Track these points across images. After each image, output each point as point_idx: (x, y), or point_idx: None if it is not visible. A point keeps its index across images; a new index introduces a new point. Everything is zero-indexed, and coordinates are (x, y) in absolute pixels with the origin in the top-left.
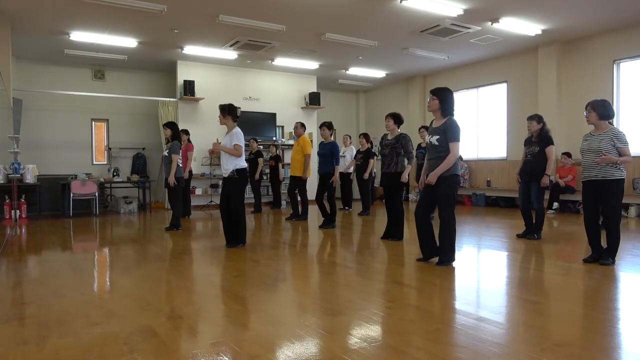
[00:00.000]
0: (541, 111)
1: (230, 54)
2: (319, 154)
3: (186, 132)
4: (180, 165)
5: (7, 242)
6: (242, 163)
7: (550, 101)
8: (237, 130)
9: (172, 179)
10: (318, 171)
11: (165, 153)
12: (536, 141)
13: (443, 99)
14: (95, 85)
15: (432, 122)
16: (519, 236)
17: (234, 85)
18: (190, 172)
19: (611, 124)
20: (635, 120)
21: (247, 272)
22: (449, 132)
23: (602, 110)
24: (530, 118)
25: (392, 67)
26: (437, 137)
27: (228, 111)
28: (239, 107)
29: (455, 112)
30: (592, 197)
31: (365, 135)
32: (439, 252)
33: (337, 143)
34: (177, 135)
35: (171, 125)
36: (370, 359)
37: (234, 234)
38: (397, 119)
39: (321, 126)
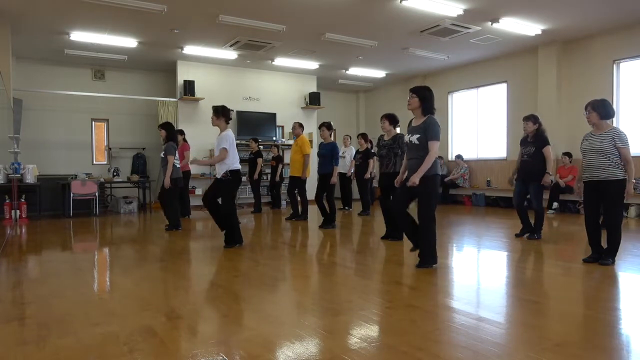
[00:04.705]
0: (541, 111)
1: (230, 54)
2: (318, 154)
3: (181, 132)
4: (178, 165)
5: (7, 242)
6: (236, 165)
7: (550, 101)
8: (225, 133)
9: (167, 181)
10: (318, 171)
11: (162, 154)
12: (532, 141)
13: (423, 97)
14: (95, 85)
15: (411, 121)
16: (517, 235)
17: (234, 85)
18: (189, 172)
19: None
20: (635, 120)
21: (247, 272)
22: (429, 131)
23: (603, 110)
24: (526, 119)
25: (392, 67)
26: (418, 135)
27: (222, 112)
28: (232, 110)
29: (435, 111)
30: (593, 197)
31: (364, 135)
32: (420, 254)
33: (336, 143)
34: (172, 136)
35: (166, 126)
36: (370, 359)
37: (223, 222)
38: (392, 119)
39: (320, 126)
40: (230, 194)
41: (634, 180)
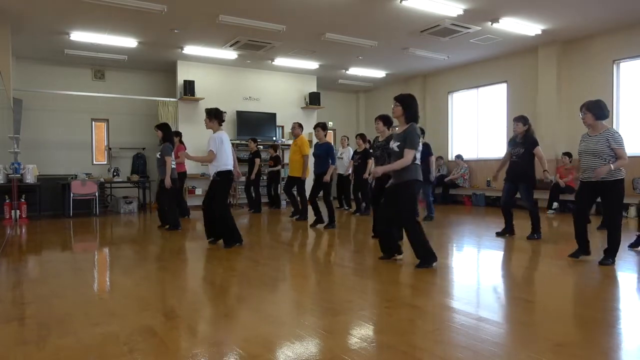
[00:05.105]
0: (541, 111)
1: (230, 54)
2: (314, 154)
3: (177, 133)
4: (174, 166)
5: (7, 242)
6: (224, 166)
7: (550, 101)
8: (214, 134)
9: (168, 181)
10: (314, 171)
11: (158, 155)
12: (521, 142)
13: (406, 105)
14: (95, 85)
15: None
16: (498, 234)
17: (234, 85)
18: (184, 172)
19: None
20: (635, 120)
21: (246, 272)
22: (407, 139)
23: (598, 111)
24: (517, 119)
25: (392, 67)
26: (398, 143)
27: (215, 115)
28: (225, 112)
29: (419, 119)
30: (587, 195)
31: (362, 136)
32: (417, 256)
33: (331, 143)
34: (168, 137)
35: (162, 127)
36: (370, 359)
37: (214, 230)
38: (386, 120)
39: (315, 127)
40: (222, 193)
41: (612, 166)
